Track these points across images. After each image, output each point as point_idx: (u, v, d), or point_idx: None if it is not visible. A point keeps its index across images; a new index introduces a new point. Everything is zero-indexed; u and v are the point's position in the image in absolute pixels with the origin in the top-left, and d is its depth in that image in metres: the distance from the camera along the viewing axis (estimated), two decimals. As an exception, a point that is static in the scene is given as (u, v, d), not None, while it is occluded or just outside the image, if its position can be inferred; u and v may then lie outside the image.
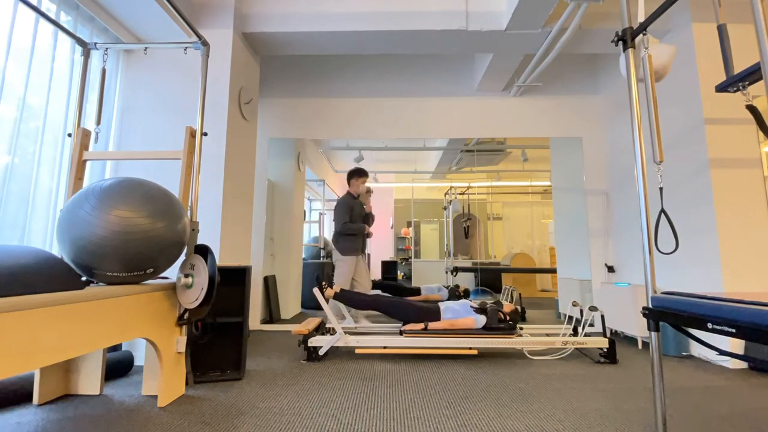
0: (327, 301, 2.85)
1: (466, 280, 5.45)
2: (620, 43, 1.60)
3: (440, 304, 2.87)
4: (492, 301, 2.80)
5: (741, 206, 2.65)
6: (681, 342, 2.83)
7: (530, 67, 3.57)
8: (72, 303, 1.35)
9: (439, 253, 5.96)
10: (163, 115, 2.81)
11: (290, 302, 4.51)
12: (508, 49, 3.31)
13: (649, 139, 1.99)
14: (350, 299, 2.95)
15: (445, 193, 5.75)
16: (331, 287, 2.97)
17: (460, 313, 2.75)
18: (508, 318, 2.67)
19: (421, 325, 2.68)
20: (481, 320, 2.65)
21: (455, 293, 4.18)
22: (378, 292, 3.06)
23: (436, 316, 2.78)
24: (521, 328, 2.86)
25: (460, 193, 5.61)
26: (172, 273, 2.49)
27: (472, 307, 2.75)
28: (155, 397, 1.96)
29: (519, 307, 4.30)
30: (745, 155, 2.71)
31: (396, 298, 2.94)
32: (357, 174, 3.62)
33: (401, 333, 2.65)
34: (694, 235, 2.81)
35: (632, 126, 1.53)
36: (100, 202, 1.58)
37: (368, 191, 3.89)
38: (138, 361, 2.48)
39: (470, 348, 2.64)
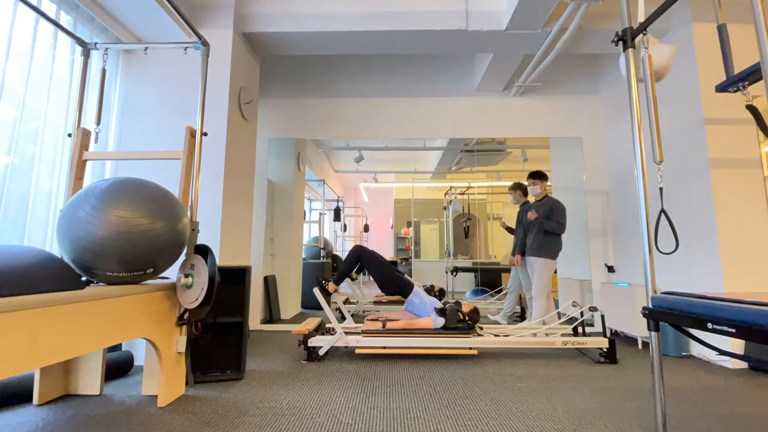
0: (328, 300, 2.85)
1: (466, 280, 5.45)
2: (620, 43, 1.60)
3: (416, 286, 2.93)
4: (453, 302, 2.81)
5: (741, 206, 2.65)
6: (681, 342, 2.83)
7: (530, 67, 3.57)
8: (72, 303, 1.35)
9: (439, 253, 5.97)
10: (163, 115, 2.81)
11: (290, 302, 4.51)
12: (508, 49, 3.31)
13: (649, 139, 1.99)
14: (344, 270, 2.99)
15: (445, 193, 5.75)
16: (333, 282, 2.97)
17: (423, 307, 2.81)
18: (466, 318, 2.69)
19: (380, 324, 2.72)
20: (440, 321, 2.67)
21: (430, 293, 4.19)
22: (359, 245, 3.09)
23: (407, 291, 2.87)
24: (481, 328, 2.88)
25: (460, 193, 5.61)
26: (172, 273, 2.49)
27: (435, 307, 2.78)
28: (155, 397, 1.96)
29: (521, 307, 4.31)
30: (745, 155, 2.71)
31: (379, 257, 2.97)
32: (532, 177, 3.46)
33: (362, 333, 2.68)
34: (694, 235, 2.81)
35: (632, 126, 1.53)
36: (100, 202, 1.58)
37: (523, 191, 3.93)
38: (138, 361, 2.48)
39: (470, 348, 2.65)
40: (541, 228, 3.37)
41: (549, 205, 3.39)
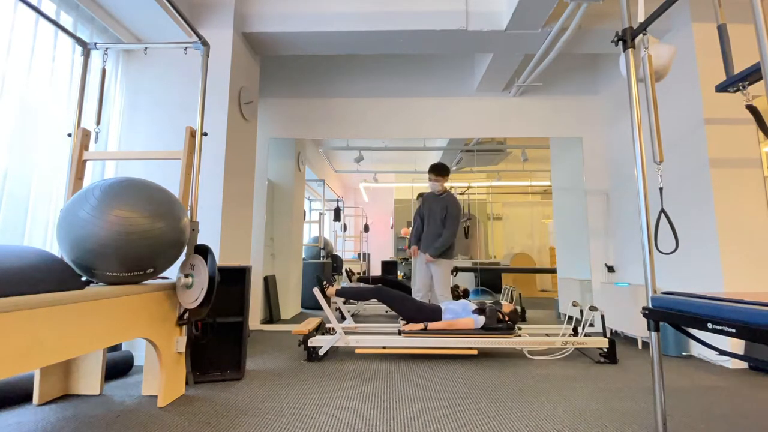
0: (328, 300, 2.85)
1: (466, 280, 5.45)
2: (620, 43, 1.60)
3: (442, 304, 2.87)
4: (491, 302, 2.79)
5: (741, 206, 2.65)
6: (681, 342, 2.83)
7: (530, 67, 3.57)
8: (72, 303, 1.35)
9: (439, 253, 5.94)
10: (163, 115, 2.81)
11: (290, 302, 4.51)
12: (508, 49, 3.31)
13: (649, 139, 1.99)
14: (352, 293, 2.97)
15: (445, 193, 5.73)
16: (332, 285, 2.97)
17: (459, 313, 2.76)
18: (507, 318, 2.67)
19: (421, 325, 2.67)
20: (481, 320, 2.65)
21: (454, 293, 4.18)
22: (380, 285, 3.03)
23: (437, 315, 2.78)
24: (520, 328, 2.86)
25: (460, 193, 5.61)
26: (172, 273, 2.49)
27: (472, 309, 2.75)
28: (155, 397, 1.96)
29: (519, 307, 4.31)
30: (745, 155, 2.71)
31: (399, 292, 2.90)
32: (429, 170, 3.27)
33: (400, 333, 2.65)
34: (694, 235, 2.81)
35: (632, 126, 1.53)
36: (100, 202, 1.58)
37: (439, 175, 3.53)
38: (138, 361, 2.48)
39: (470, 348, 2.64)
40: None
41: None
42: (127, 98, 2.84)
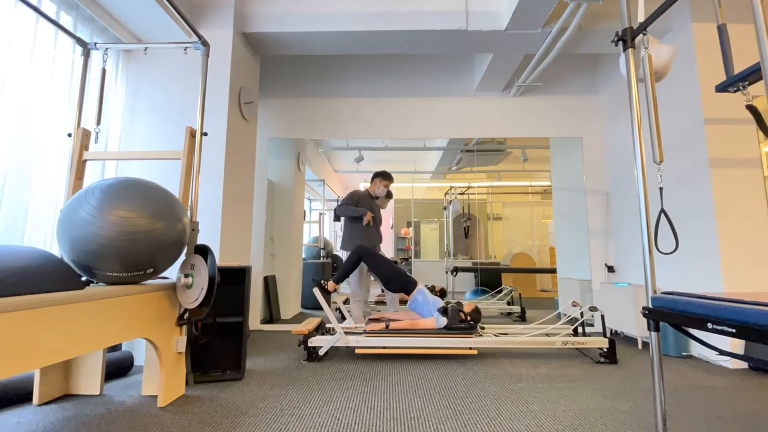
0: (328, 300, 2.85)
1: (466, 280, 5.45)
2: (620, 43, 1.60)
3: (419, 284, 2.95)
4: (454, 302, 2.81)
5: (741, 206, 2.65)
6: (681, 342, 2.83)
7: (530, 67, 3.57)
8: (72, 303, 1.35)
9: (439, 253, 5.95)
10: (163, 115, 2.81)
11: (290, 302, 4.51)
12: (508, 49, 3.31)
13: (649, 139, 1.99)
14: (345, 270, 3.07)
15: (445, 193, 5.75)
16: (333, 282, 2.97)
17: (426, 306, 2.82)
18: (468, 318, 2.69)
19: (383, 324, 2.72)
20: (442, 321, 2.68)
21: (431, 293, 4.19)
22: (361, 245, 3.18)
23: (408, 290, 2.92)
24: (482, 328, 2.89)
25: (460, 193, 5.61)
26: (172, 273, 2.49)
27: (438, 307, 2.79)
28: (155, 397, 1.96)
29: (521, 305, 4.31)
30: (745, 155, 2.71)
31: (382, 255, 3.07)
32: (382, 176, 3.56)
33: (363, 333, 2.68)
34: (694, 235, 2.81)
35: (632, 126, 1.53)
36: (100, 202, 1.58)
37: (388, 195, 3.77)
38: (138, 361, 2.48)
39: (470, 348, 2.65)
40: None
41: None
42: (127, 98, 2.84)
